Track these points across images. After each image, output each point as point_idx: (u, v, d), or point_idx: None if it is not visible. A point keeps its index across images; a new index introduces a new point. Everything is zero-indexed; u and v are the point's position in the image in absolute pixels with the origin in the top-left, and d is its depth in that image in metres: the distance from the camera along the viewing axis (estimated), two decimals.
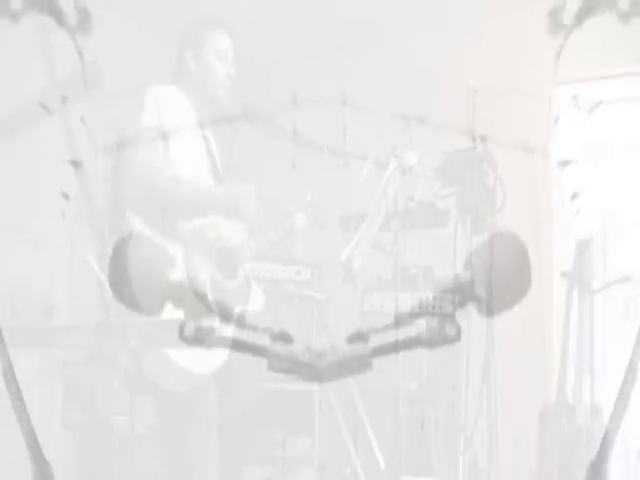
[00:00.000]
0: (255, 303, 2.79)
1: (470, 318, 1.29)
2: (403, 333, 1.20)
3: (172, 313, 1.21)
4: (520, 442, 3.13)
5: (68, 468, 2.85)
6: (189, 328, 1.18)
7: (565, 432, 2.99)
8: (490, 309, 1.17)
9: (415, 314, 1.19)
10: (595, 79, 3.72)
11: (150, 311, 1.22)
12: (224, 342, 1.19)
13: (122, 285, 1.19)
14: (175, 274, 1.21)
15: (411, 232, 2.68)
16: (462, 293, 1.17)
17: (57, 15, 1.07)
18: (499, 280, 1.15)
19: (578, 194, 1.75)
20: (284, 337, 1.19)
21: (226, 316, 1.19)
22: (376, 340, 1.20)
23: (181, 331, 1.18)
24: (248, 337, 1.20)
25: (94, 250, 2.45)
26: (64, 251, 3.19)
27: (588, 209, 3.54)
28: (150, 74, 2.79)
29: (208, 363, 2.53)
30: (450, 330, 1.17)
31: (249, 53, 3.03)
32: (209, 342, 1.18)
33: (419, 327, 1.20)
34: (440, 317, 1.17)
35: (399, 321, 1.19)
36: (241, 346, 1.20)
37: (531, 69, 3.34)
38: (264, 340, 1.19)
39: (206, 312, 1.19)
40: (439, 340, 1.17)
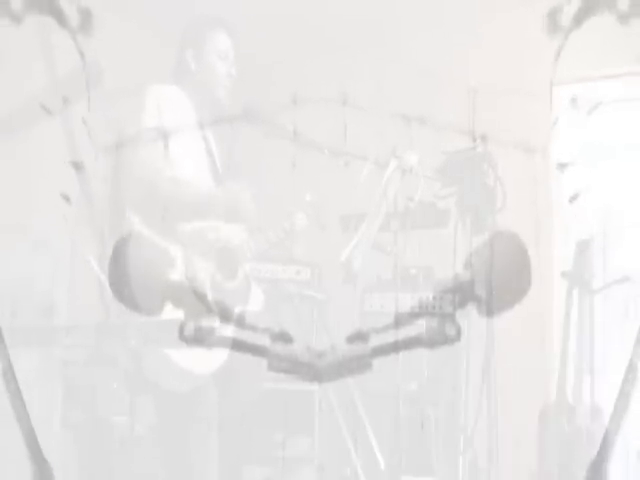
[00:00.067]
0: (255, 303, 2.79)
1: (470, 318, 1.29)
2: (403, 333, 1.20)
3: (172, 313, 1.21)
4: (520, 442, 3.13)
5: (68, 468, 2.85)
6: (189, 328, 1.18)
7: (565, 432, 2.99)
8: (490, 309, 1.17)
9: (415, 314, 1.19)
10: (594, 79, 3.72)
11: (150, 311, 1.22)
12: (224, 342, 1.19)
13: (122, 285, 1.19)
14: (175, 274, 1.21)
15: (411, 232, 2.68)
16: (462, 293, 1.17)
17: (58, 16, 1.07)
18: (499, 280, 1.15)
19: (577, 196, 1.75)
20: (284, 337, 1.19)
21: (226, 316, 1.19)
22: (376, 340, 1.20)
23: (181, 331, 1.18)
24: (248, 337, 1.20)
25: (94, 250, 2.45)
26: (64, 251, 3.19)
27: (588, 209, 3.55)
28: (151, 74, 2.79)
29: (208, 363, 2.53)
30: (450, 330, 1.17)
31: (249, 53, 3.03)
32: (209, 342, 1.18)
33: (419, 327, 1.20)
34: (440, 317, 1.17)
35: (399, 321, 1.19)
36: (241, 346, 1.20)
37: (531, 69, 3.33)
38: (264, 340, 1.19)
39: (206, 312, 1.19)
40: (439, 340, 1.17)
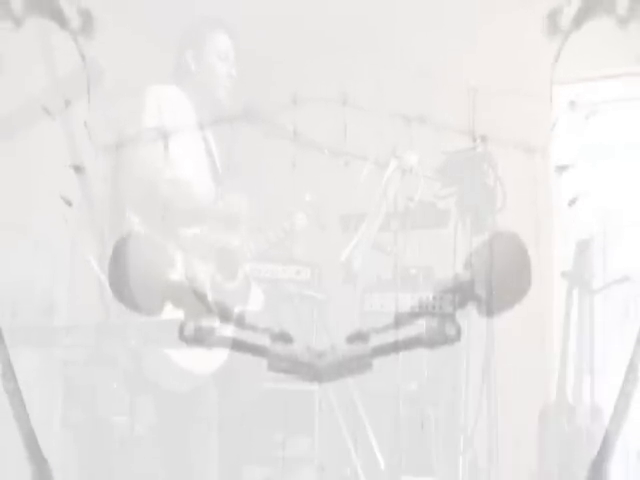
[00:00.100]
0: (255, 303, 2.79)
1: (470, 318, 1.29)
2: (403, 333, 1.20)
3: (172, 313, 1.21)
4: (520, 442, 3.13)
5: (68, 468, 2.85)
6: (189, 328, 1.18)
7: (565, 432, 2.99)
8: (490, 309, 1.17)
9: (415, 314, 1.19)
10: (594, 79, 3.72)
11: (150, 311, 1.22)
12: (224, 342, 1.19)
13: (122, 285, 1.18)
14: (175, 274, 1.21)
15: (411, 232, 2.68)
16: (462, 293, 1.17)
17: (59, 18, 1.07)
18: (499, 280, 1.15)
19: (576, 200, 1.75)
20: (284, 337, 1.19)
21: (226, 316, 1.19)
22: (376, 340, 1.20)
23: (181, 331, 1.18)
24: (248, 337, 1.20)
25: (94, 250, 2.45)
26: (64, 251, 3.18)
27: (588, 209, 3.55)
28: (151, 75, 2.79)
29: (208, 363, 2.53)
30: (450, 330, 1.17)
31: (249, 53, 3.03)
32: (209, 342, 1.18)
33: (419, 327, 1.20)
34: (440, 317, 1.17)
35: (399, 321, 1.19)
36: (241, 346, 1.20)
37: (531, 69, 3.33)
38: (264, 340, 1.19)
39: (206, 312, 1.19)
40: (439, 340, 1.17)
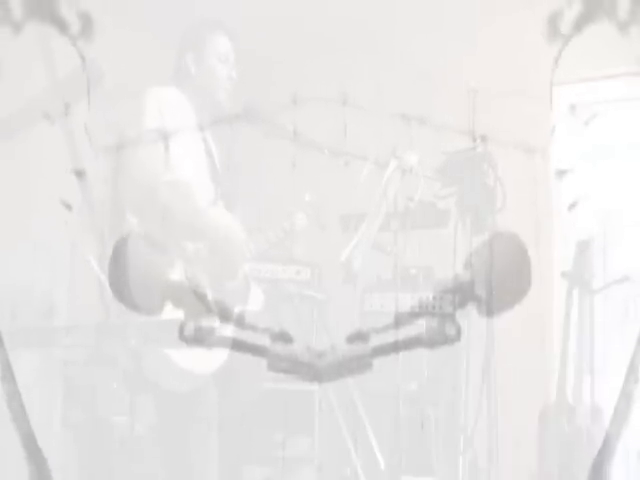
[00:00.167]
0: (255, 303, 2.79)
1: (470, 318, 1.29)
2: (403, 333, 1.20)
3: (172, 313, 1.21)
4: (520, 442, 3.13)
5: (68, 468, 2.85)
6: (189, 328, 1.18)
7: (565, 432, 2.98)
8: (490, 309, 1.17)
9: (415, 314, 1.19)
10: (594, 79, 3.72)
11: (150, 311, 1.22)
12: (224, 342, 1.19)
13: (122, 285, 1.18)
14: (175, 274, 1.21)
15: (411, 232, 2.68)
16: (462, 293, 1.17)
17: (58, 22, 1.07)
18: (499, 280, 1.15)
19: (576, 204, 1.75)
20: (284, 337, 1.19)
21: (226, 316, 1.19)
22: (376, 340, 1.20)
23: (181, 331, 1.18)
24: (248, 337, 1.20)
25: (94, 250, 2.45)
26: (64, 251, 3.18)
27: (588, 210, 3.55)
28: (152, 77, 2.79)
29: (208, 363, 2.53)
30: (450, 330, 1.17)
31: (249, 53, 3.03)
32: (209, 342, 1.18)
33: (419, 327, 1.20)
34: (440, 317, 1.17)
35: (399, 321, 1.19)
36: (241, 346, 1.20)
37: (531, 71, 3.34)
38: (264, 340, 1.19)
39: (206, 312, 1.19)
40: (439, 340, 1.17)
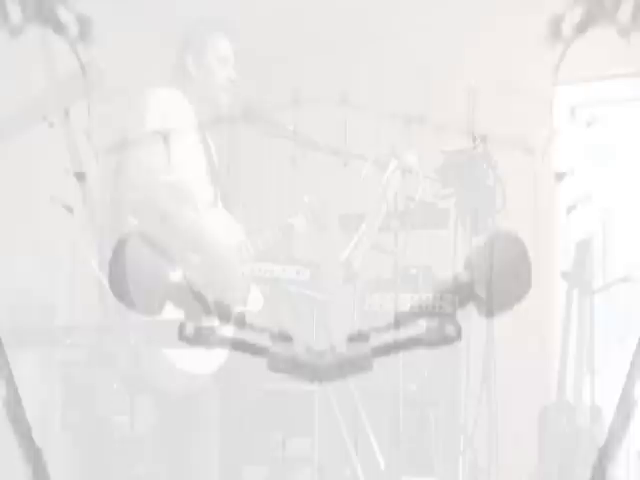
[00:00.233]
0: (254, 303, 2.79)
1: (470, 318, 1.29)
2: (403, 333, 1.20)
3: (172, 313, 1.21)
4: (520, 442, 3.13)
5: (68, 468, 2.85)
6: (189, 328, 1.17)
7: (565, 432, 2.98)
8: (490, 309, 1.17)
9: (415, 314, 1.19)
10: (594, 79, 3.72)
11: (150, 311, 1.21)
12: (224, 342, 1.19)
13: (122, 285, 1.18)
14: (175, 274, 1.21)
15: (411, 232, 2.68)
16: (462, 293, 1.17)
17: (57, 26, 1.07)
18: (499, 280, 1.15)
19: (575, 207, 1.75)
20: (284, 337, 1.18)
21: (225, 316, 1.19)
22: (376, 340, 1.20)
23: (181, 331, 1.17)
24: (248, 337, 1.20)
25: (94, 251, 2.45)
26: (65, 252, 3.19)
27: (588, 209, 3.55)
28: (152, 79, 2.79)
29: (208, 363, 2.53)
30: (450, 330, 1.16)
31: (249, 53, 3.03)
32: (209, 342, 1.18)
33: (419, 327, 1.20)
34: (440, 317, 1.17)
35: (399, 321, 1.19)
36: (241, 346, 1.20)
37: (531, 72, 3.34)
38: (264, 340, 1.19)
39: (206, 312, 1.19)
40: (439, 340, 1.17)
